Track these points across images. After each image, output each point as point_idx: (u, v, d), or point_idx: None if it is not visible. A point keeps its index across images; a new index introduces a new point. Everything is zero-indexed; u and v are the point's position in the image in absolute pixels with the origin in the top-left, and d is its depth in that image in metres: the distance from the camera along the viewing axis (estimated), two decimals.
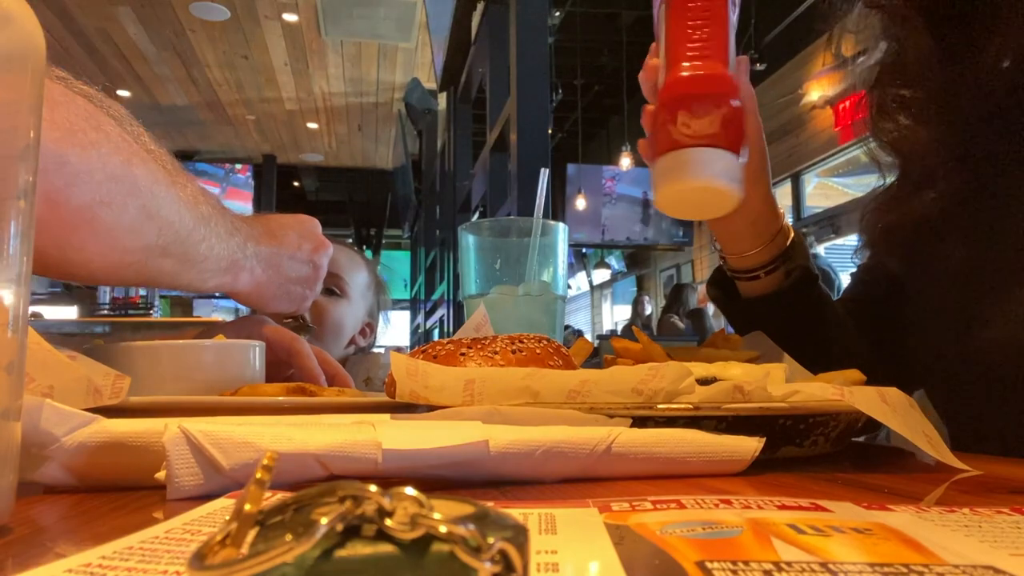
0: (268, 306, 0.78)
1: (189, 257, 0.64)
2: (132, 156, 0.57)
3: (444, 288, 5.35)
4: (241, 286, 0.72)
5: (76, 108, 0.54)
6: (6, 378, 0.28)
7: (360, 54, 6.55)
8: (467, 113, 4.95)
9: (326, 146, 9.14)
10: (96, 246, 0.55)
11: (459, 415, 0.43)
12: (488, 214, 3.60)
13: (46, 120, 0.49)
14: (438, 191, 6.10)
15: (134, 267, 0.59)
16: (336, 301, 1.26)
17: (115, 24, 5.99)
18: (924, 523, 0.27)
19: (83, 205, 0.53)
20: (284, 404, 0.53)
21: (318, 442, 0.35)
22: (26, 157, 0.29)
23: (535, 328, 0.64)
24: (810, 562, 0.21)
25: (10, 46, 0.28)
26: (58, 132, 0.51)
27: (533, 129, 2.91)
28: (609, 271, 10.40)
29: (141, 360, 0.61)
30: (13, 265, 0.28)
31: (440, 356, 0.54)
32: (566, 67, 6.09)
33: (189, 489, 0.34)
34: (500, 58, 3.41)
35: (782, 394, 0.47)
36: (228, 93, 7.46)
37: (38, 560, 0.23)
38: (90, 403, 0.43)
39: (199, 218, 0.64)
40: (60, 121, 0.52)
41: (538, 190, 0.79)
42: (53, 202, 0.52)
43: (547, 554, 0.22)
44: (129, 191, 0.56)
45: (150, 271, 0.61)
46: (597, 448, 0.39)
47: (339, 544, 0.17)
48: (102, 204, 0.54)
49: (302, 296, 0.80)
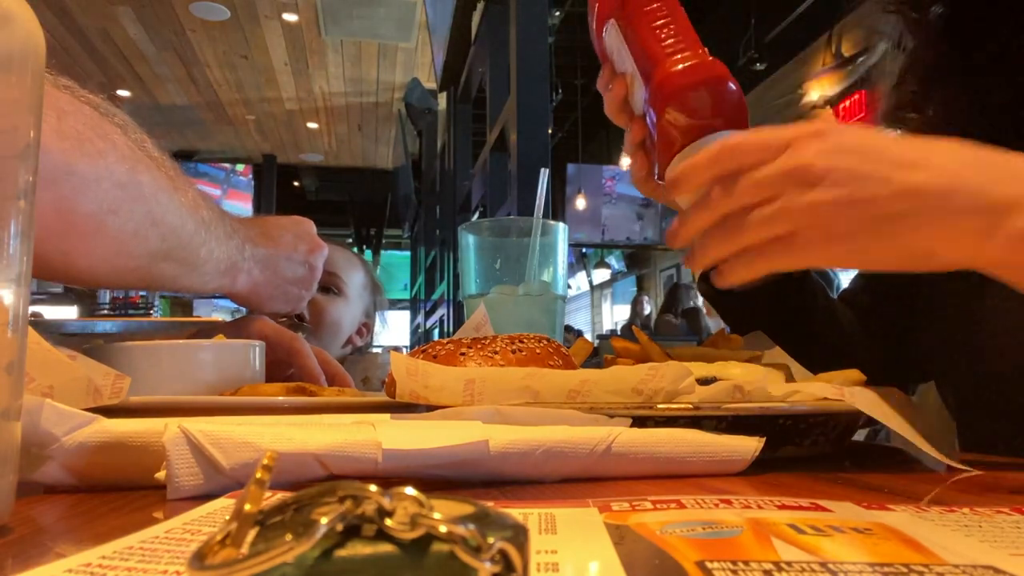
0: (265, 306, 0.79)
1: (190, 261, 0.65)
2: (137, 164, 0.58)
3: (444, 288, 5.35)
4: (239, 287, 0.74)
5: (83, 117, 0.55)
6: (6, 378, 0.28)
7: (360, 54, 6.54)
8: (467, 113, 4.95)
9: (326, 146, 9.14)
10: (103, 252, 0.57)
11: (459, 415, 0.43)
12: (488, 214, 3.60)
13: (54, 130, 0.52)
14: (438, 191, 6.10)
15: (138, 272, 0.61)
16: (334, 300, 1.27)
17: (115, 24, 5.98)
18: (924, 523, 0.27)
19: (91, 213, 0.55)
20: (284, 404, 0.53)
21: (318, 442, 0.35)
22: (26, 157, 0.29)
23: (535, 328, 0.64)
24: (810, 562, 0.21)
25: (10, 46, 0.28)
26: (67, 142, 0.52)
27: (533, 129, 2.91)
28: (609, 271, 10.40)
29: (141, 360, 0.61)
30: (13, 265, 0.28)
31: (440, 356, 0.54)
32: (566, 67, 6.08)
33: (189, 489, 0.34)
34: (500, 58, 3.41)
35: (782, 394, 0.48)
36: (228, 93, 7.46)
37: (38, 560, 0.23)
38: (90, 403, 0.43)
39: (199, 222, 0.65)
40: (68, 131, 0.53)
41: (538, 190, 0.79)
42: (62, 211, 0.53)
43: (547, 554, 0.22)
44: (135, 198, 0.58)
45: (153, 275, 0.63)
46: (597, 448, 0.39)
47: (339, 544, 0.17)
48: (109, 212, 0.56)
49: (298, 296, 0.82)
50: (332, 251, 1.31)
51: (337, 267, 1.29)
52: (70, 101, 0.55)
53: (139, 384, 0.48)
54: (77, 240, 0.55)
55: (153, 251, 0.61)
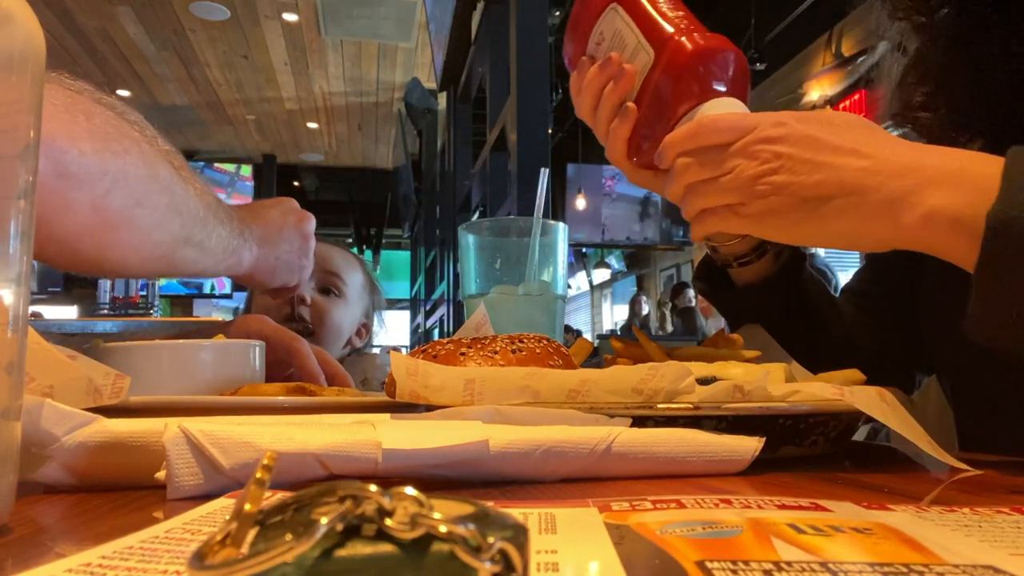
0: (271, 281, 0.83)
1: (205, 245, 0.70)
2: (154, 158, 0.63)
3: (444, 288, 5.35)
4: (244, 266, 0.78)
5: (106, 119, 0.59)
6: (6, 378, 0.28)
7: (360, 54, 6.54)
8: (467, 113, 4.95)
9: (326, 146, 9.14)
10: (133, 243, 0.61)
11: (459, 415, 0.43)
12: (488, 214, 3.60)
13: (86, 131, 0.56)
14: (438, 191, 6.09)
15: (164, 259, 0.66)
16: (335, 301, 1.28)
17: (115, 24, 5.98)
18: (924, 523, 0.27)
19: (122, 208, 0.59)
20: (284, 404, 0.53)
21: (318, 442, 0.35)
22: (26, 157, 0.29)
23: (535, 328, 0.64)
24: (810, 562, 0.21)
25: (10, 46, 0.28)
26: (96, 143, 0.56)
27: (533, 129, 2.91)
28: (609, 271, 10.40)
29: (141, 360, 0.61)
30: (13, 265, 0.28)
31: (440, 356, 0.54)
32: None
33: (189, 489, 0.34)
34: (500, 58, 3.40)
35: (782, 394, 0.48)
36: (228, 93, 7.46)
37: (38, 560, 0.23)
38: (90, 403, 0.43)
39: (207, 208, 0.69)
40: (96, 131, 0.57)
41: (538, 190, 0.79)
42: (98, 208, 0.57)
43: (547, 554, 0.22)
44: (157, 190, 0.62)
45: (175, 261, 0.67)
46: (597, 448, 0.39)
47: (339, 544, 0.17)
48: (137, 205, 0.60)
49: (299, 266, 0.87)
50: (331, 252, 1.32)
51: (337, 268, 1.29)
52: (91, 103, 0.58)
53: (139, 384, 0.48)
54: (111, 234, 0.59)
55: (176, 237, 0.65)
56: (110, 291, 5.30)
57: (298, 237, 0.86)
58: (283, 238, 0.84)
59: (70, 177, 0.55)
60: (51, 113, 0.54)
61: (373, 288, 1.42)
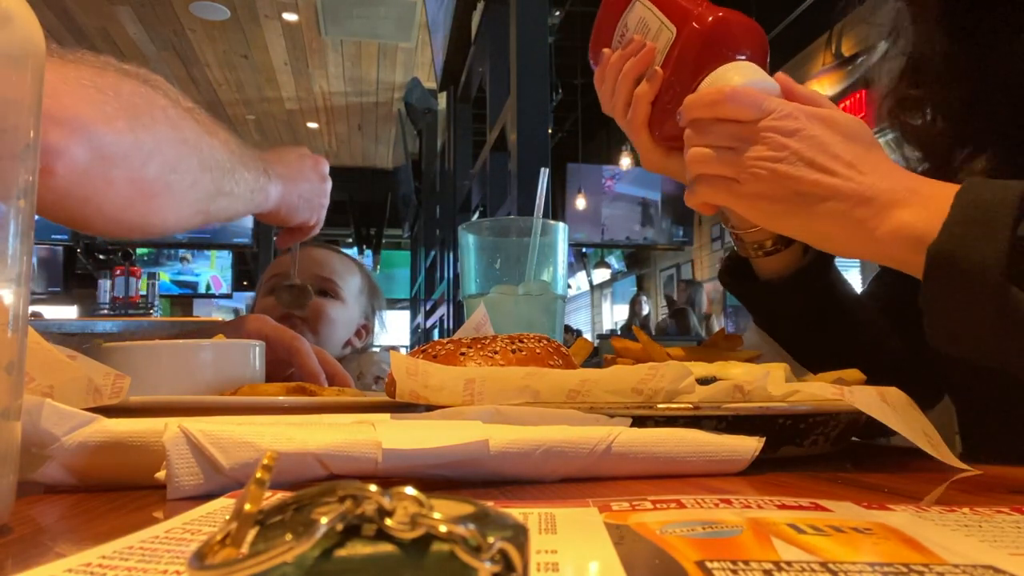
0: (293, 217, 0.87)
1: (234, 192, 0.73)
2: (180, 121, 0.66)
3: (444, 288, 5.34)
4: (270, 203, 0.82)
5: (134, 90, 0.62)
6: (6, 378, 0.28)
7: (360, 54, 6.54)
8: (467, 113, 4.94)
9: (326, 146, 9.13)
10: (172, 206, 0.66)
11: (459, 415, 0.43)
12: (488, 214, 3.60)
13: (118, 108, 0.59)
14: (438, 191, 6.09)
15: (201, 213, 0.70)
16: (331, 303, 1.30)
17: (115, 24, 5.98)
18: (924, 523, 0.27)
19: (157, 176, 0.63)
20: (284, 404, 0.53)
21: (318, 442, 0.35)
22: (26, 157, 0.29)
23: (535, 328, 0.64)
24: (810, 562, 0.21)
25: (10, 46, 0.28)
26: (130, 120, 0.60)
27: (533, 129, 2.90)
28: (609, 271, 10.39)
29: (141, 360, 0.61)
30: (13, 265, 0.28)
31: (440, 356, 0.54)
32: (566, 67, 6.07)
33: (189, 489, 0.34)
34: (500, 58, 3.40)
35: (782, 394, 0.48)
36: (228, 93, 7.45)
37: (38, 560, 0.23)
38: (90, 403, 0.43)
39: (231, 155, 0.73)
40: (127, 106, 0.60)
41: (538, 190, 0.79)
42: (135, 180, 0.61)
43: (547, 554, 0.22)
44: (187, 153, 0.66)
45: (211, 212, 0.71)
46: (597, 448, 0.39)
47: (339, 544, 0.17)
48: (172, 171, 0.64)
49: (320, 204, 0.91)
50: (328, 256, 1.34)
51: (333, 272, 1.32)
52: (117, 78, 0.61)
53: (139, 384, 0.48)
54: (151, 202, 0.63)
55: (209, 192, 0.69)
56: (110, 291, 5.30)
57: (316, 176, 0.90)
58: (303, 177, 0.88)
59: (109, 157, 0.58)
60: (82, 94, 0.56)
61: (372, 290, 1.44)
